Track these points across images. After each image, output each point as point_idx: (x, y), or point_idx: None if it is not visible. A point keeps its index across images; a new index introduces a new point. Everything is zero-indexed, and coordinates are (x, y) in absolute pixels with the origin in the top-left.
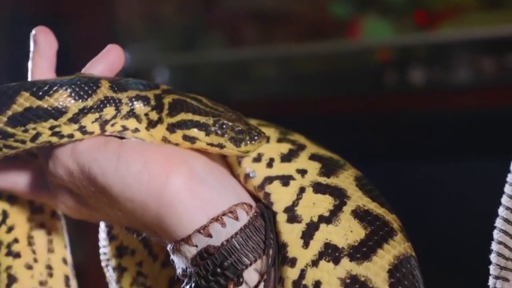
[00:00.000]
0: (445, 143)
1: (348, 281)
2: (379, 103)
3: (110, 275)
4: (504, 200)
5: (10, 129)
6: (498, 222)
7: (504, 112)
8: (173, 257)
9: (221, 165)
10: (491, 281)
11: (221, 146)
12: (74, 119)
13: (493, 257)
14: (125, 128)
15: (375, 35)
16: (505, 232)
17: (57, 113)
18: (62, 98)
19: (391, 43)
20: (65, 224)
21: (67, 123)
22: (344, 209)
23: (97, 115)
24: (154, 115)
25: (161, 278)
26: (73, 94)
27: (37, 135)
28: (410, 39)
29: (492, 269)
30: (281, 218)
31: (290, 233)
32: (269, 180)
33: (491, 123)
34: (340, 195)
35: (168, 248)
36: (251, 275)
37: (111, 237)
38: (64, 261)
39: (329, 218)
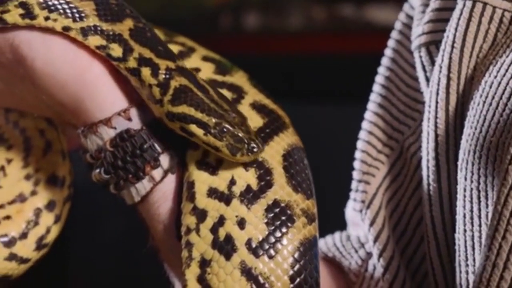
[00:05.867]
0: (277, 87)
1: None
2: (214, 45)
3: None
4: (367, 115)
5: None
6: (361, 134)
7: (332, 58)
8: (86, 139)
9: None
10: (354, 185)
11: (217, 149)
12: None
13: (356, 164)
14: None
15: None
16: (367, 142)
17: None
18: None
19: None
20: None
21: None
22: (242, 101)
23: (104, 42)
24: (156, 92)
25: (15, 187)
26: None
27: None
28: None
29: (356, 174)
30: None
31: None
32: None
33: (320, 68)
34: (237, 91)
35: (79, 131)
36: (166, 159)
37: None
38: None
39: None
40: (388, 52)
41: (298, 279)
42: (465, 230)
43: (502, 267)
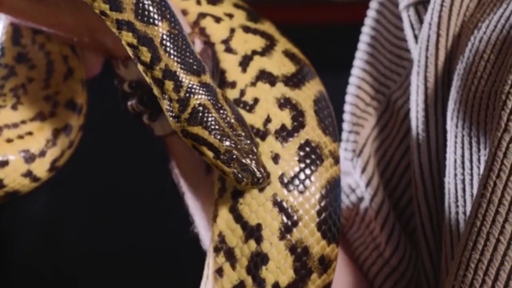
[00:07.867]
0: None
1: (282, 101)
2: None
3: None
4: (354, 71)
5: None
6: (350, 88)
7: (293, 29)
8: (126, 69)
9: None
10: (344, 135)
11: (224, 172)
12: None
13: (346, 116)
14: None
15: None
16: (356, 96)
17: None
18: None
19: None
20: None
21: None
22: (275, 48)
23: (135, 42)
24: (175, 108)
25: (35, 105)
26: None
27: None
28: None
29: (346, 126)
30: (219, 48)
31: (229, 62)
32: (202, 15)
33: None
34: (269, 38)
35: (120, 59)
36: None
37: (16, 41)
38: None
39: (263, 53)
40: (371, 13)
41: (324, 214)
42: (455, 174)
43: (497, 203)
